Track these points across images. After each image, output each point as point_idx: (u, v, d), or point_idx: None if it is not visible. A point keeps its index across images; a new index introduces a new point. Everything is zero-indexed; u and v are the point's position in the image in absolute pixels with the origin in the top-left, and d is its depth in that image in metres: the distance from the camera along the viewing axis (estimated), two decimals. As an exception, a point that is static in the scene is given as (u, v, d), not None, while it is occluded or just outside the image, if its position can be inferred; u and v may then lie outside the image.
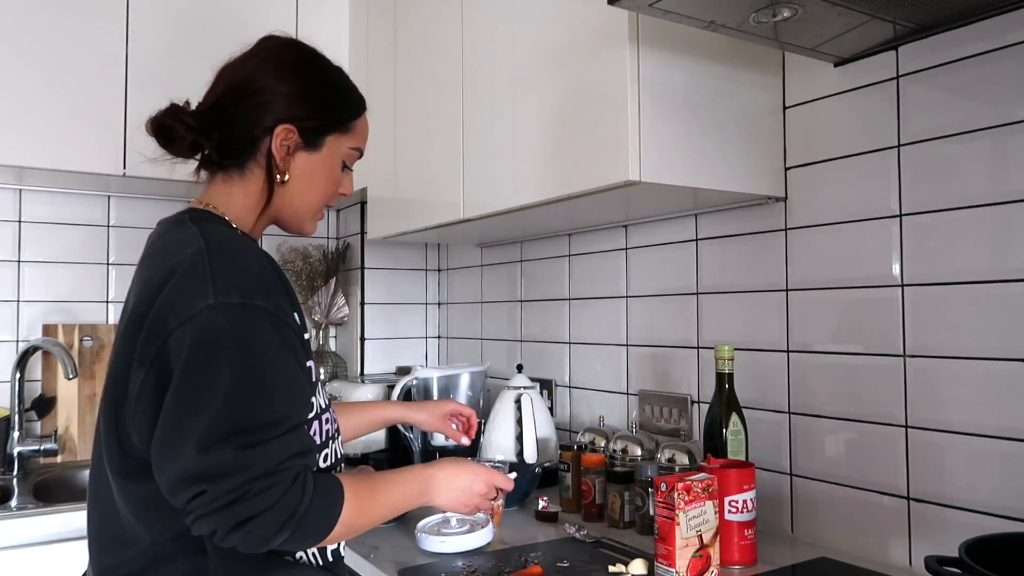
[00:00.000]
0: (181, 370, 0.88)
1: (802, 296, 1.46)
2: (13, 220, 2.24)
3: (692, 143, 1.36)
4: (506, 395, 1.88)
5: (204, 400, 0.87)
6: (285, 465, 0.89)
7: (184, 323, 0.89)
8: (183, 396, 0.88)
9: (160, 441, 0.88)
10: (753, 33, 1.22)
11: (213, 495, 0.85)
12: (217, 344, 0.89)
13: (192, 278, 0.92)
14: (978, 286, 1.20)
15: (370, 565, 1.32)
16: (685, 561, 1.17)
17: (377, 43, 2.17)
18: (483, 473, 1.16)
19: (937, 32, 1.23)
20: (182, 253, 0.95)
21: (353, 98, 1.15)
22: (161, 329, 0.91)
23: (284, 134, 1.06)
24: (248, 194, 1.08)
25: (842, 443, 1.39)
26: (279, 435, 0.90)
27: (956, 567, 0.92)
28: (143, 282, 0.97)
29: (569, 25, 1.42)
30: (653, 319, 1.78)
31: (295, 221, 1.14)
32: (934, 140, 1.26)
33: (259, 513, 0.86)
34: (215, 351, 0.89)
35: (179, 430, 0.87)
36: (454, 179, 1.77)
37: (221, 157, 1.07)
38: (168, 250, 0.99)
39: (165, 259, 0.97)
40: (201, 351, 0.89)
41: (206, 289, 0.91)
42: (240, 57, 1.10)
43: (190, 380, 0.88)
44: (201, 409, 0.87)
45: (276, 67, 1.08)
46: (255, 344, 0.91)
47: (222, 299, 0.90)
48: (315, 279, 2.56)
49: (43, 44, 1.95)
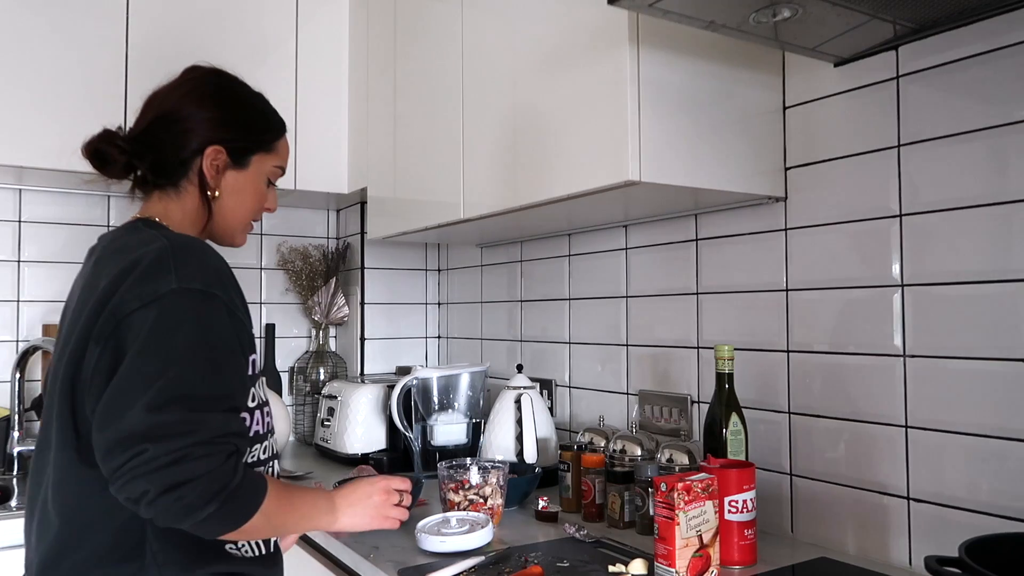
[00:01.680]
0: (140, 343, 0.94)
1: (802, 296, 1.46)
2: (13, 220, 2.24)
3: (692, 143, 1.36)
4: (506, 395, 1.88)
5: (157, 367, 0.92)
6: (224, 439, 0.94)
7: (146, 304, 0.96)
8: (136, 364, 0.93)
9: (106, 404, 0.92)
10: (753, 33, 1.22)
11: (153, 454, 0.88)
12: (176, 320, 0.96)
13: (157, 268, 0.98)
14: (978, 286, 1.20)
15: (370, 565, 1.32)
16: (685, 561, 1.17)
17: (377, 43, 2.17)
18: (376, 482, 1.22)
19: (937, 32, 1.23)
20: (146, 248, 1.01)
21: (274, 121, 1.25)
22: (120, 310, 0.96)
23: (213, 154, 1.15)
24: (185, 211, 1.16)
25: (842, 443, 1.39)
26: (223, 410, 0.96)
27: (956, 567, 0.92)
28: (106, 275, 1.01)
29: (569, 25, 1.42)
30: (653, 319, 1.78)
31: (227, 234, 1.23)
32: (934, 140, 1.26)
33: (194, 478, 0.89)
34: (174, 325, 0.95)
35: (127, 394, 0.91)
36: (454, 179, 1.77)
37: (156, 177, 1.15)
38: (130, 247, 1.04)
39: (128, 254, 1.02)
40: (161, 326, 0.95)
41: (170, 277, 0.97)
42: (166, 87, 1.19)
43: (145, 350, 0.93)
44: (154, 375, 0.92)
45: (198, 97, 1.17)
46: (211, 326, 0.99)
47: (185, 285, 0.97)
48: (315, 279, 2.56)
49: (43, 44, 1.95)
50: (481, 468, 1.56)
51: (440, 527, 1.40)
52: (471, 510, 1.51)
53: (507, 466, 1.59)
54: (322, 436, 2.25)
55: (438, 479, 1.58)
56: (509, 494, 1.60)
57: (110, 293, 0.98)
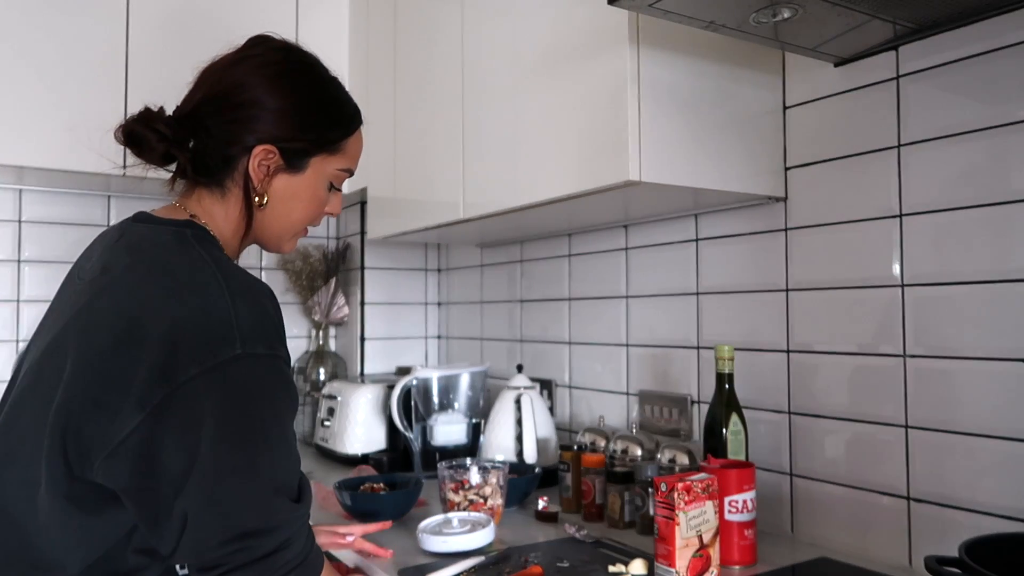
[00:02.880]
0: (217, 424, 0.82)
1: (802, 296, 1.46)
2: (13, 220, 2.24)
3: (692, 143, 1.36)
4: (506, 395, 1.88)
5: (248, 457, 0.84)
6: (307, 516, 0.90)
7: (207, 372, 0.82)
8: (222, 453, 0.82)
9: (201, 498, 0.82)
10: (753, 33, 1.22)
11: (261, 546, 0.83)
12: (251, 398, 0.85)
13: (214, 322, 0.84)
14: (978, 286, 1.20)
15: (370, 565, 1.32)
16: (685, 561, 1.17)
17: (377, 43, 2.17)
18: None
19: (937, 32, 1.23)
20: (194, 283, 0.88)
21: (346, 115, 1.07)
22: (173, 375, 0.82)
23: (263, 155, 0.99)
24: (228, 217, 1.02)
25: (842, 443, 1.39)
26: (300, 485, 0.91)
27: (956, 567, 0.92)
28: (150, 309, 0.86)
29: (569, 25, 1.42)
30: (653, 319, 1.78)
31: (273, 241, 1.08)
32: (934, 140, 1.26)
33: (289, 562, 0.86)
34: (252, 406, 0.85)
35: (233, 486, 0.83)
36: (454, 179, 1.77)
37: (195, 171, 1.00)
38: (170, 270, 0.90)
39: (176, 288, 0.88)
40: (237, 405, 0.84)
41: (232, 336, 0.84)
42: (227, 59, 1.01)
43: (231, 436, 0.83)
44: (254, 469, 0.84)
45: (266, 77, 0.99)
46: (280, 398, 0.89)
47: (249, 349, 0.84)
48: (315, 279, 2.56)
49: (43, 44, 1.95)
50: (481, 468, 1.56)
51: (442, 527, 1.41)
52: (471, 510, 1.51)
53: (507, 466, 1.59)
54: (322, 436, 2.25)
55: (438, 479, 1.58)
56: (509, 494, 1.60)
57: (162, 348, 0.83)
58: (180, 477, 0.81)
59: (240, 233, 1.03)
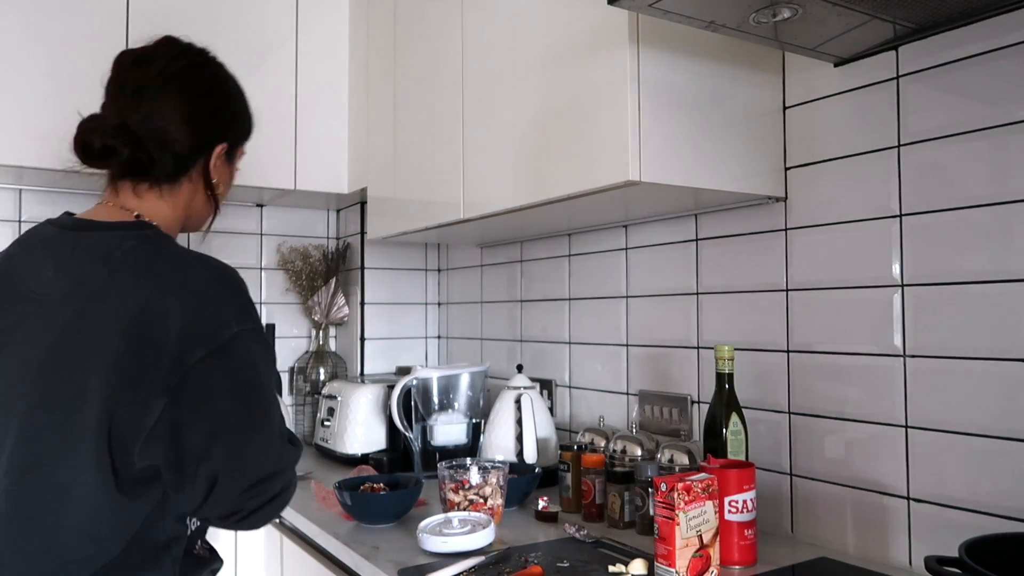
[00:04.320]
0: (230, 393, 0.97)
1: (802, 296, 1.46)
2: (13, 220, 2.24)
3: (692, 143, 1.36)
4: (506, 395, 1.88)
5: (266, 412, 1.00)
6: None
7: (212, 353, 0.95)
8: (235, 412, 0.97)
9: (228, 457, 0.95)
10: (753, 33, 1.22)
11: (280, 489, 1.00)
12: (251, 366, 1.00)
13: (215, 310, 0.98)
14: (978, 286, 1.20)
15: (370, 565, 1.32)
16: (685, 561, 1.17)
17: (377, 43, 2.17)
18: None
19: (937, 32, 1.23)
20: (182, 279, 0.99)
21: (250, 110, 1.22)
22: (184, 361, 0.94)
23: (220, 151, 1.13)
24: (175, 208, 1.11)
25: (842, 443, 1.39)
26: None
27: (956, 567, 0.92)
28: (132, 301, 0.95)
29: (569, 25, 1.42)
30: (653, 319, 1.79)
31: (202, 225, 1.20)
32: (934, 140, 1.26)
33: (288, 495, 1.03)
34: (253, 372, 1.00)
35: (253, 439, 0.98)
36: (454, 179, 1.77)
37: (151, 173, 1.08)
38: (156, 272, 0.99)
39: (161, 283, 0.97)
40: (242, 375, 0.99)
41: (227, 318, 0.98)
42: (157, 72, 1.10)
43: (243, 400, 0.98)
44: (265, 420, 0.99)
45: (217, 81, 1.15)
46: (269, 360, 1.05)
47: (241, 326, 0.98)
48: (315, 279, 2.56)
49: (43, 44, 1.95)
50: (481, 468, 1.56)
51: (442, 527, 1.41)
52: (471, 510, 1.51)
53: (507, 466, 1.59)
54: (322, 436, 2.25)
55: (438, 479, 1.58)
56: (509, 494, 1.60)
57: (172, 339, 0.93)
58: (202, 445, 0.94)
59: (180, 223, 1.14)
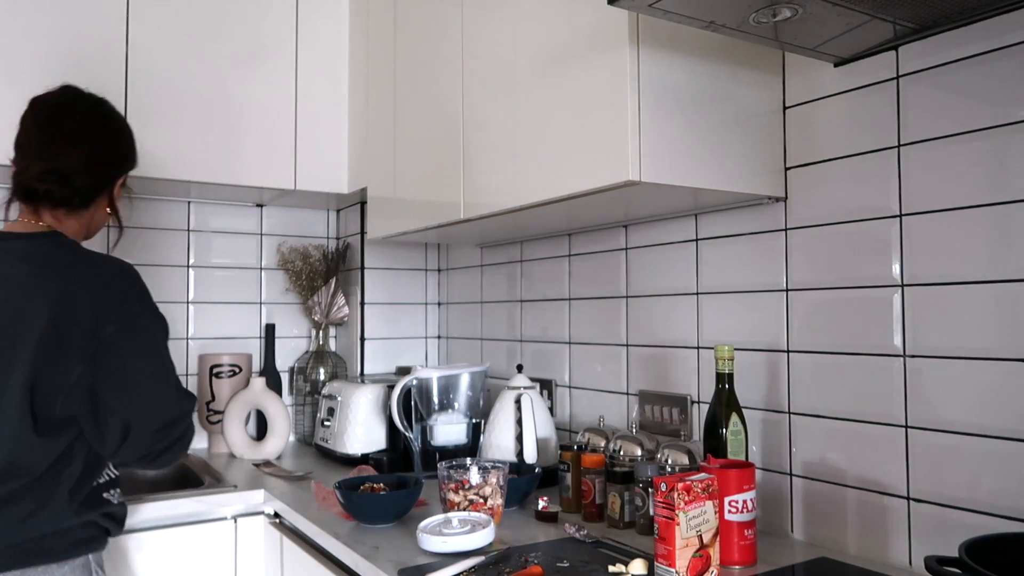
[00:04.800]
0: (137, 356, 1.32)
1: (802, 296, 1.46)
2: (13, 220, 2.23)
3: (692, 143, 1.36)
4: (506, 395, 1.88)
5: (158, 370, 1.35)
6: None
7: (120, 326, 1.29)
8: (141, 369, 1.32)
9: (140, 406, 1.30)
10: (753, 33, 1.22)
11: (186, 430, 1.38)
12: (151, 333, 1.36)
13: (117, 293, 1.32)
14: (978, 286, 1.20)
15: (370, 565, 1.32)
16: (685, 561, 1.17)
17: (377, 43, 2.17)
18: None
19: (937, 32, 1.24)
20: (96, 271, 1.33)
21: (135, 144, 1.55)
22: (99, 333, 1.27)
23: (123, 181, 1.50)
24: (82, 224, 1.43)
25: (842, 443, 1.39)
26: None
27: (956, 567, 0.92)
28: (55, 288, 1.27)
29: (569, 25, 1.42)
30: (653, 319, 1.79)
31: (97, 231, 1.51)
32: (934, 140, 1.26)
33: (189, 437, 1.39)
34: (154, 338, 1.36)
35: (156, 393, 1.33)
36: (454, 179, 1.77)
37: (82, 203, 1.41)
38: (71, 263, 1.32)
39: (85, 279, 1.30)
40: (145, 340, 1.35)
41: (132, 298, 1.34)
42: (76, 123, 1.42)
43: (148, 360, 1.34)
44: (164, 378, 1.36)
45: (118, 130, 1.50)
46: (163, 327, 1.39)
47: (142, 304, 1.36)
48: (315, 279, 2.56)
49: (43, 44, 1.95)
50: (481, 468, 1.56)
51: (442, 527, 1.40)
52: (471, 510, 1.51)
53: (507, 466, 1.59)
54: (322, 436, 2.25)
55: (438, 479, 1.58)
56: (509, 494, 1.60)
57: (87, 318, 1.27)
58: (115, 400, 1.28)
59: (85, 233, 1.46)
